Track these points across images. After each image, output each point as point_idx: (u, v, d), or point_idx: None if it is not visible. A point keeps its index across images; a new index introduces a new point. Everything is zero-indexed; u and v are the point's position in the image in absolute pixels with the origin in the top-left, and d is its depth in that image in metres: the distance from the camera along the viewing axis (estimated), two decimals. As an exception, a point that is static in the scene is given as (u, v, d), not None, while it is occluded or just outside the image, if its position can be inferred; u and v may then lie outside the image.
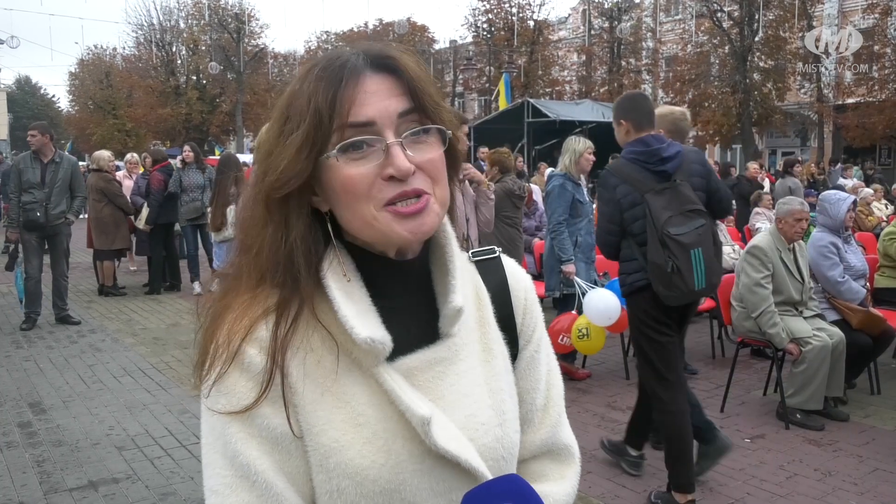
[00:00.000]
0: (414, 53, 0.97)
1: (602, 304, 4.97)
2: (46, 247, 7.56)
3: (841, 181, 14.99)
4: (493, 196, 4.21)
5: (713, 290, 3.39)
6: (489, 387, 0.99)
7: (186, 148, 9.31)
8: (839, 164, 19.53)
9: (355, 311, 0.91)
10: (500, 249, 1.13)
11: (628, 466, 3.96)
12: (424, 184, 0.91)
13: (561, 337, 5.16)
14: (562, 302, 5.79)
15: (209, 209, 7.88)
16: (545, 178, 7.49)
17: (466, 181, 4.07)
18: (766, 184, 12.07)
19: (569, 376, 5.37)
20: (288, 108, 0.92)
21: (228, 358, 0.89)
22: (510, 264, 1.12)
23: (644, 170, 3.41)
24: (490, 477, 0.93)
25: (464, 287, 1.00)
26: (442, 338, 0.97)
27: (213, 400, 0.90)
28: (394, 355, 0.93)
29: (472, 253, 1.10)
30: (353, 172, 0.89)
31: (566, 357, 5.50)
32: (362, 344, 0.89)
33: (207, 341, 0.92)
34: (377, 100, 0.90)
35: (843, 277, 5.08)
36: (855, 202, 5.86)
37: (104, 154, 9.62)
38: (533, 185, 8.53)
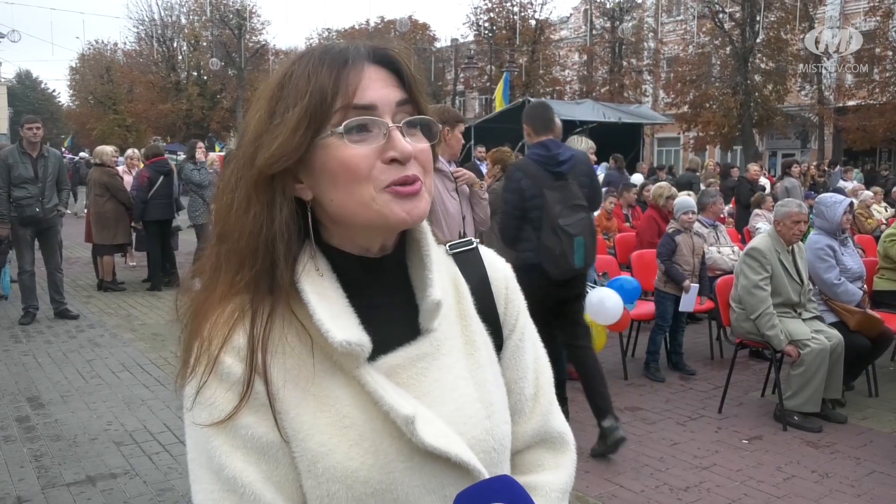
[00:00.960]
0: (410, 51, 0.99)
1: (605, 304, 4.98)
2: (37, 244, 7.51)
3: (841, 183, 14.97)
4: (486, 196, 4.38)
5: (588, 269, 4.34)
6: (474, 379, 0.98)
7: (201, 145, 9.29)
8: (839, 167, 19.53)
9: (330, 313, 0.90)
10: (478, 241, 1.13)
11: (612, 444, 4.05)
12: (418, 171, 0.92)
13: None
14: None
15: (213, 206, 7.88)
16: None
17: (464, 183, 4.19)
18: (767, 185, 12.06)
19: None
20: (280, 90, 0.91)
21: (207, 368, 0.88)
22: (488, 255, 1.12)
23: (544, 169, 4.11)
24: (482, 470, 0.92)
25: (442, 280, 0.99)
26: (423, 333, 0.96)
27: (196, 413, 0.89)
28: (376, 354, 0.92)
29: (449, 246, 1.09)
30: (356, 153, 0.89)
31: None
32: (338, 347, 0.88)
33: (188, 344, 0.91)
34: (379, 86, 0.91)
35: (840, 279, 5.09)
36: (852, 205, 5.86)
37: (107, 149, 9.57)
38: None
